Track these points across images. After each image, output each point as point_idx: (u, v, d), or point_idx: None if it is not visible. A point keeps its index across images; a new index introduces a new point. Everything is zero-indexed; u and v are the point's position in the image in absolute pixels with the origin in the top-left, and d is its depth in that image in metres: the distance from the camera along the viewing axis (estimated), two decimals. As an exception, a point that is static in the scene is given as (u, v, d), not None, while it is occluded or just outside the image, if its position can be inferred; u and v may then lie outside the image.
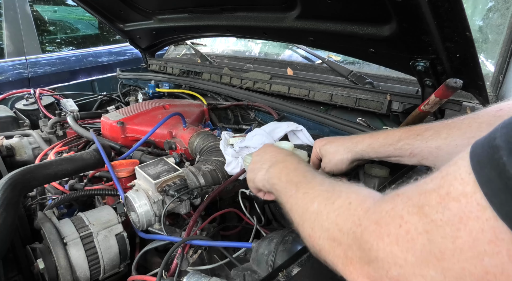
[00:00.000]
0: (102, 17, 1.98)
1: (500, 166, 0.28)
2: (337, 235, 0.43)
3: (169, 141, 1.37)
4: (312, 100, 1.38)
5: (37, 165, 1.08)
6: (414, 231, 0.34)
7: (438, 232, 0.32)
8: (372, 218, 0.39)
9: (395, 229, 0.35)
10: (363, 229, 0.39)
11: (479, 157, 0.31)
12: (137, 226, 0.97)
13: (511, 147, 0.28)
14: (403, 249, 0.34)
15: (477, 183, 0.30)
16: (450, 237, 0.31)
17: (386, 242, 0.36)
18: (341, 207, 0.45)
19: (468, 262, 0.30)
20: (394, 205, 0.37)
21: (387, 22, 0.89)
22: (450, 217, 0.31)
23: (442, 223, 0.32)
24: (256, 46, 2.03)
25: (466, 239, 0.30)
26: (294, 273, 0.61)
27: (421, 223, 0.33)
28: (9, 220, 0.87)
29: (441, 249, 0.32)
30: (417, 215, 0.34)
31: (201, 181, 1.06)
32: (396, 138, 0.78)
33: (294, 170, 0.65)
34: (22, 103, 1.95)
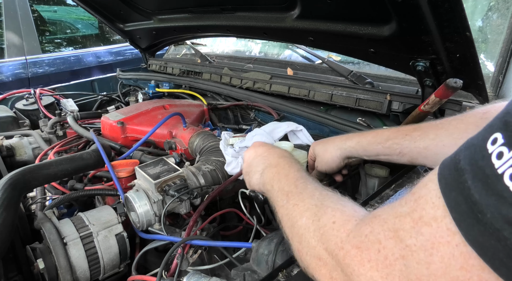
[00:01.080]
0: (102, 17, 1.98)
1: (466, 190, 0.28)
2: (323, 255, 0.44)
3: (169, 141, 1.37)
4: (312, 100, 1.38)
5: (37, 165, 1.08)
6: (392, 257, 0.34)
7: (413, 257, 0.32)
8: (353, 242, 0.39)
9: (374, 255, 0.36)
10: (345, 252, 0.39)
11: (446, 180, 0.31)
12: (137, 226, 0.97)
13: (474, 170, 0.28)
14: (382, 275, 0.35)
15: (447, 207, 0.30)
16: (424, 263, 0.31)
17: (367, 267, 0.36)
18: (325, 226, 0.45)
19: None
20: (372, 229, 0.38)
21: (387, 22, 0.89)
22: (423, 242, 0.31)
23: (416, 248, 0.32)
24: (256, 46, 2.03)
25: (439, 265, 0.30)
26: (294, 273, 0.61)
27: (397, 248, 0.34)
28: (9, 220, 0.87)
29: (417, 275, 0.32)
30: (393, 239, 0.34)
31: (201, 181, 1.06)
32: (385, 138, 0.78)
33: (286, 177, 0.65)
34: (22, 103, 1.95)
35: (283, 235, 0.78)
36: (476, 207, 0.27)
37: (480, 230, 0.27)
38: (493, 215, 0.26)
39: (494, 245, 0.26)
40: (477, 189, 0.27)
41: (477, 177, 0.28)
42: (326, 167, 0.90)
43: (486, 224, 0.26)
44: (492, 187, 0.26)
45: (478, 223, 0.27)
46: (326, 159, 0.89)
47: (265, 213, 1.09)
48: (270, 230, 0.98)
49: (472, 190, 0.28)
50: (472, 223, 0.27)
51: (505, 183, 0.25)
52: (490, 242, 0.26)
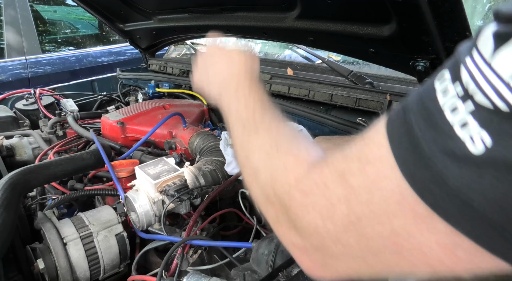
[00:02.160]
0: (102, 17, 1.98)
1: (409, 127, 0.28)
2: (271, 196, 0.43)
3: (169, 141, 1.37)
4: (312, 100, 1.37)
5: (37, 165, 1.08)
6: (336, 199, 0.34)
7: (355, 197, 0.32)
8: (299, 187, 0.39)
9: (319, 199, 0.35)
10: (291, 198, 0.39)
11: (393, 121, 0.31)
12: (137, 226, 0.97)
13: (419, 108, 0.28)
14: (324, 219, 0.35)
15: (389, 145, 0.30)
16: (366, 201, 0.31)
17: (310, 212, 0.36)
18: (277, 169, 0.44)
19: (380, 225, 0.31)
20: (321, 173, 0.37)
21: (387, 22, 0.89)
22: (366, 181, 0.31)
23: (359, 188, 0.32)
24: (256, 46, 2.03)
25: (379, 202, 0.30)
26: (294, 273, 0.61)
27: (342, 189, 0.33)
28: (9, 220, 0.87)
29: (358, 215, 0.32)
30: (339, 182, 0.34)
31: (201, 181, 1.06)
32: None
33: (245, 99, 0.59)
34: (22, 103, 1.95)
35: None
36: (414, 141, 0.28)
37: (415, 162, 0.27)
38: (429, 146, 0.26)
39: (424, 174, 0.27)
40: (418, 124, 0.28)
41: (421, 114, 0.28)
42: None
43: (421, 155, 0.27)
44: (433, 121, 0.27)
45: (414, 155, 0.27)
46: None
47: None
48: (270, 230, 0.98)
49: (414, 126, 0.28)
50: (410, 156, 0.28)
51: (445, 116, 0.26)
52: (421, 171, 0.27)
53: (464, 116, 0.25)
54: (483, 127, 0.24)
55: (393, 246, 0.31)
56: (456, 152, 0.25)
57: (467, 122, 0.24)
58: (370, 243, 0.32)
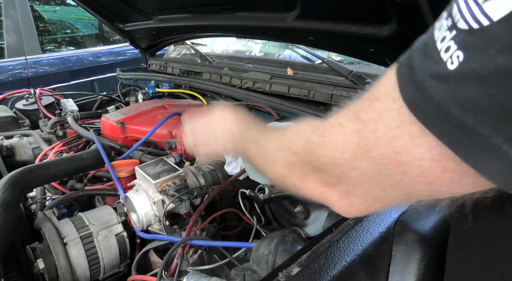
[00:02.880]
0: (102, 17, 1.98)
1: (410, 62, 0.32)
2: (293, 158, 0.48)
3: (169, 141, 1.37)
4: (312, 100, 1.37)
5: (37, 165, 1.08)
6: (349, 133, 0.39)
7: (365, 128, 0.37)
8: (317, 132, 0.44)
9: (335, 135, 0.41)
10: (311, 143, 0.44)
11: (401, 61, 0.35)
12: (137, 226, 0.97)
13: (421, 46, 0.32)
14: (341, 150, 0.40)
15: (396, 81, 0.34)
16: (373, 130, 0.36)
17: (328, 148, 0.42)
18: (291, 134, 0.50)
19: (384, 147, 0.36)
20: (337, 117, 0.42)
21: (387, 22, 0.89)
22: (374, 114, 0.37)
23: (368, 121, 0.37)
24: (256, 46, 2.03)
25: (383, 129, 0.36)
26: (294, 273, 0.61)
27: (354, 124, 0.39)
28: (9, 220, 0.87)
29: (367, 142, 0.37)
30: (353, 120, 0.39)
31: (201, 181, 1.06)
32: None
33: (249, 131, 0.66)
34: (22, 103, 1.95)
35: (283, 235, 0.78)
36: (413, 71, 0.32)
37: (413, 89, 0.31)
38: (422, 73, 0.31)
39: (419, 97, 0.31)
40: (417, 57, 0.32)
41: (420, 49, 0.32)
42: None
43: (417, 81, 0.31)
44: (427, 52, 0.31)
45: (412, 83, 0.31)
46: None
47: (265, 213, 1.09)
48: (270, 230, 0.98)
49: (414, 60, 0.32)
50: (409, 85, 0.32)
51: (436, 46, 0.30)
52: (417, 95, 0.31)
53: (448, 42, 0.29)
54: (459, 47, 0.27)
55: (397, 165, 0.35)
56: (440, 72, 0.29)
57: (450, 46, 0.28)
58: (379, 166, 0.37)
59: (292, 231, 0.80)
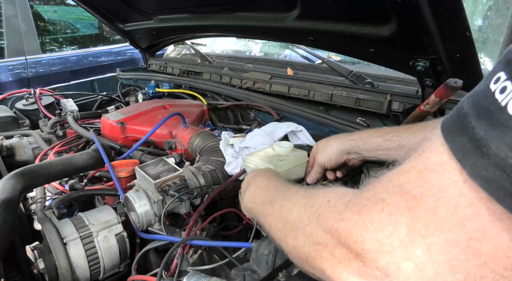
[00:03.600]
0: (102, 17, 1.98)
1: (470, 130, 0.28)
2: (321, 237, 0.40)
3: (169, 141, 1.37)
4: (312, 100, 1.37)
5: (37, 165, 1.08)
6: (397, 212, 0.32)
7: (420, 206, 0.31)
8: (353, 210, 0.37)
9: (377, 214, 0.34)
10: (346, 222, 0.37)
11: (450, 128, 0.30)
12: (137, 226, 0.97)
13: (478, 111, 0.28)
14: (387, 234, 0.32)
15: (451, 151, 0.29)
16: (432, 208, 0.30)
17: (370, 230, 0.34)
18: (320, 207, 0.43)
19: (452, 231, 0.29)
20: (375, 191, 0.36)
21: (387, 22, 0.89)
22: (430, 188, 0.30)
23: (422, 196, 0.31)
24: (256, 46, 2.03)
25: (447, 207, 0.29)
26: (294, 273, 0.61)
27: (403, 201, 0.32)
28: (9, 220, 0.87)
29: (425, 224, 0.30)
30: (398, 194, 0.33)
31: (201, 181, 1.06)
32: (386, 131, 0.80)
33: (266, 188, 0.63)
34: (22, 103, 1.95)
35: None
36: (480, 143, 0.27)
37: (484, 163, 0.26)
38: (498, 145, 0.25)
39: (499, 175, 0.25)
40: (481, 127, 0.27)
41: (481, 116, 0.27)
42: (327, 160, 0.90)
43: (491, 156, 0.26)
44: (496, 120, 0.26)
45: (483, 158, 0.26)
46: (326, 151, 0.90)
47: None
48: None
49: (476, 128, 0.27)
50: (477, 158, 0.27)
51: (509, 112, 0.25)
52: (495, 173, 0.26)
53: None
54: None
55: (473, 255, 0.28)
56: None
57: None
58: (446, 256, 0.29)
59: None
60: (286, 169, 0.92)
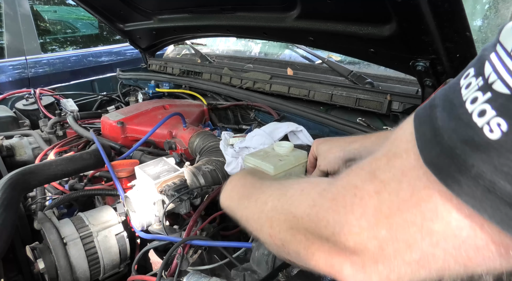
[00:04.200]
0: (102, 17, 1.98)
1: (433, 120, 0.30)
2: (295, 222, 0.42)
3: (169, 141, 1.37)
4: (312, 100, 1.38)
5: (37, 165, 1.08)
6: (367, 195, 0.34)
7: (386, 189, 0.33)
8: (327, 197, 0.38)
9: (350, 199, 0.36)
10: (318, 208, 0.39)
11: (420, 117, 0.32)
12: (137, 226, 0.97)
13: (444, 104, 0.30)
14: (357, 216, 0.34)
15: (415, 138, 0.32)
16: (395, 191, 0.32)
17: (341, 213, 0.36)
18: (293, 196, 0.44)
19: (410, 212, 0.31)
20: (349, 178, 0.38)
21: (387, 22, 0.89)
22: (395, 173, 0.33)
23: (389, 180, 0.33)
24: (256, 46, 2.03)
25: (407, 190, 0.31)
26: (294, 273, 0.61)
27: (372, 186, 0.34)
28: (9, 220, 0.87)
29: (389, 206, 0.32)
30: (369, 179, 0.35)
31: (201, 181, 1.06)
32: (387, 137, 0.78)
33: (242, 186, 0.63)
34: (22, 103, 1.95)
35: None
36: (437, 132, 0.29)
37: (437, 151, 0.29)
38: (450, 136, 0.28)
39: (447, 163, 0.28)
40: (442, 117, 0.29)
41: (445, 108, 0.29)
42: (329, 167, 0.89)
43: (443, 145, 0.28)
44: (454, 113, 0.28)
45: (437, 146, 0.29)
46: (329, 159, 0.87)
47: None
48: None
49: (438, 119, 0.29)
50: (432, 147, 0.29)
51: (466, 107, 0.27)
52: (444, 161, 0.28)
53: (483, 105, 0.26)
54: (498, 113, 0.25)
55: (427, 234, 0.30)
56: (475, 140, 0.26)
57: (485, 110, 0.26)
58: (404, 235, 0.31)
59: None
60: (286, 169, 0.92)
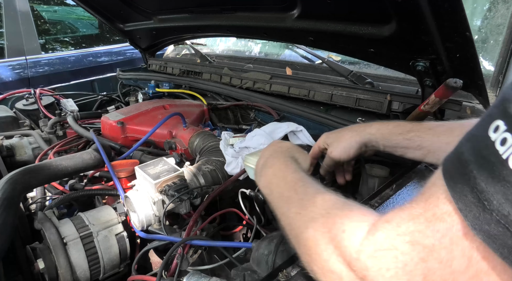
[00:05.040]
0: (102, 17, 1.98)
1: (472, 180, 0.28)
2: (337, 268, 0.41)
3: (169, 141, 1.37)
4: (312, 100, 1.37)
5: (37, 165, 1.08)
6: (411, 262, 0.32)
7: (434, 257, 0.31)
8: (367, 251, 0.37)
9: (392, 262, 0.34)
10: (362, 264, 0.37)
11: (451, 173, 0.30)
12: (137, 226, 0.97)
13: (479, 160, 0.28)
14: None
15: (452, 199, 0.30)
16: (446, 261, 0.30)
17: (386, 277, 0.34)
18: (336, 237, 0.42)
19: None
20: (386, 235, 0.36)
21: (387, 22, 0.89)
22: (441, 239, 0.31)
23: (435, 247, 0.31)
24: (256, 46, 2.03)
25: (461, 260, 0.29)
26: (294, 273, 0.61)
27: (416, 251, 0.32)
28: (9, 220, 0.87)
29: (441, 276, 0.31)
30: (409, 243, 0.33)
31: (201, 181, 1.06)
32: (407, 129, 0.77)
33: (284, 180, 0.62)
34: (22, 103, 1.95)
35: (283, 235, 0.78)
36: (482, 195, 0.27)
37: (486, 218, 0.26)
38: (500, 201, 0.26)
39: (502, 232, 0.26)
40: (483, 178, 0.27)
41: (483, 166, 0.27)
42: (343, 153, 0.84)
43: (493, 211, 0.26)
44: (497, 174, 0.26)
45: (485, 211, 0.26)
46: (343, 145, 0.84)
47: (265, 213, 1.09)
48: (270, 230, 0.98)
49: (477, 179, 0.27)
50: (479, 211, 0.27)
51: (510, 167, 0.25)
52: (497, 229, 0.26)
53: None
54: None
55: None
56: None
57: None
58: None
59: (292, 231, 0.80)
60: (286, 169, 0.92)
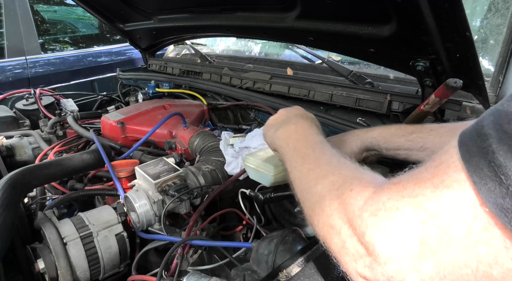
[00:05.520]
0: (102, 17, 1.98)
1: (490, 154, 0.27)
2: (337, 223, 0.41)
3: (169, 141, 1.37)
4: (312, 100, 1.37)
5: (37, 165, 1.08)
6: (410, 223, 0.33)
7: (433, 222, 0.31)
8: (370, 210, 0.37)
9: (392, 222, 0.34)
10: (361, 220, 0.37)
11: (468, 146, 0.30)
12: (137, 226, 0.97)
13: (500, 134, 0.27)
14: (400, 243, 0.33)
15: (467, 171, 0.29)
16: (445, 227, 0.30)
17: (383, 234, 0.34)
18: (343, 194, 0.43)
19: (463, 252, 0.29)
20: (390, 196, 0.36)
21: (387, 22, 0.89)
22: (444, 205, 0.30)
23: (436, 213, 0.31)
24: (256, 46, 2.03)
25: (461, 228, 0.29)
26: (294, 273, 0.61)
27: (417, 214, 0.32)
28: (9, 220, 0.87)
29: (437, 241, 0.31)
30: (412, 205, 0.33)
31: (201, 181, 1.06)
32: (409, 131, 0.77)
33: (304, 138, 0.62)
34: (22, 103, 1.95)
35: (283, 235, 0.78)
36: (500, 170, 0.26)
37: (501, 192, 0.26)
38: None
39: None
40: (502, 152, 0.27)
41: (503, 140, 0.27)
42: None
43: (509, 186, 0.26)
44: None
45: (501, 185, 0.26)
46: (344, 150, 0.84)
47: (265, 213, 1.09)
48: (270, 230, 0.98)
49: (496, 153, 0.27)
50: (494, 185, 0.27)
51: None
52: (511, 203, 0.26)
53: None
54: None
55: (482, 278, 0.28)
56: None
57: None
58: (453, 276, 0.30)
59: (292, 231, 0.80)
60: (286, 169, 0.92)
